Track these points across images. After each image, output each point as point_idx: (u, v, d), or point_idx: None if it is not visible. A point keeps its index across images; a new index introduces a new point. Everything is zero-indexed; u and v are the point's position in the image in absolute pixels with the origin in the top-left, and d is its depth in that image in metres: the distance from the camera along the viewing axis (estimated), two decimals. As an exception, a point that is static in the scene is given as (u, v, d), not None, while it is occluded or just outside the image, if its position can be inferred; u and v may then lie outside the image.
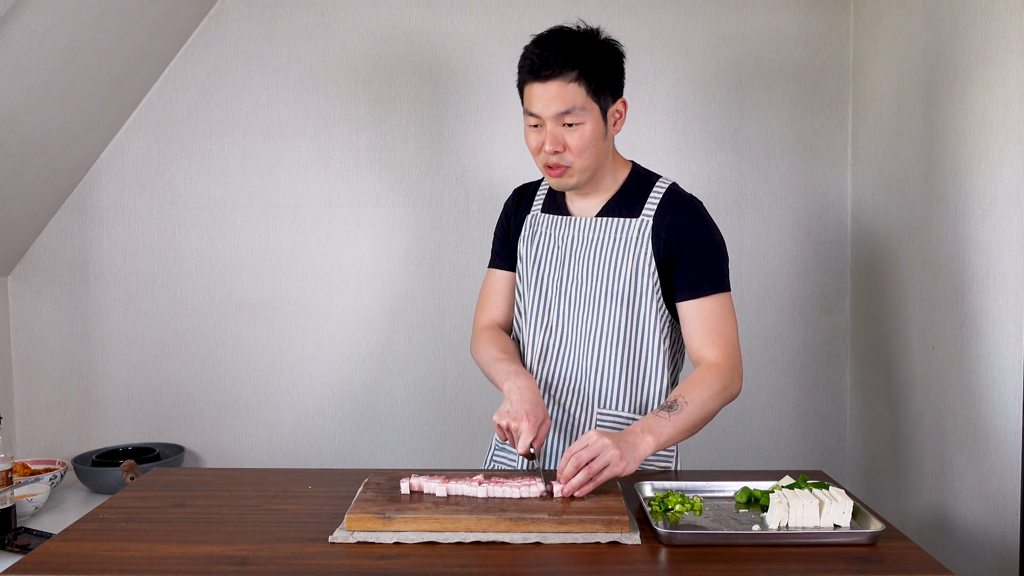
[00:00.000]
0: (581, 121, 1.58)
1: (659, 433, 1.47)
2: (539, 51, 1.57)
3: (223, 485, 1.58)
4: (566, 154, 1.59)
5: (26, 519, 2.25)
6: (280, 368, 2.75)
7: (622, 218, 1.66)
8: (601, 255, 1.66)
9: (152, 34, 2.50)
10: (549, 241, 1.73)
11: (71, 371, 2.74)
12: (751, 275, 2.71)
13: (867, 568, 1.19)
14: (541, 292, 1.72)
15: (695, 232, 1.63)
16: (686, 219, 1.64)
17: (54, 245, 2.71)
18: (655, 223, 1.64)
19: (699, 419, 1.54)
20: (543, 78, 1.56)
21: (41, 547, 1.28)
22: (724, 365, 1.60)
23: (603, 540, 1.27)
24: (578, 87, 1.56)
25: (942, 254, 2.08)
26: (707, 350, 1.61)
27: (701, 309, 1.62)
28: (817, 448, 2.74)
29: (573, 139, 1.58)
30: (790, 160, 2.69)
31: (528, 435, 1.48)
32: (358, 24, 2.67)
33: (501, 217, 1.85)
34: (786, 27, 2.66)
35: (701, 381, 1.56)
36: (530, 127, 1.62)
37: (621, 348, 1.65)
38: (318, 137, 2.70)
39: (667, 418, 1.49)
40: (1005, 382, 1.83)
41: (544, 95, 1.56)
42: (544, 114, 1.57)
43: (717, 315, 1.62)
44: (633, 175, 1.71)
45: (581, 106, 1.57)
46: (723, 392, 1.57)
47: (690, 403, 1.52)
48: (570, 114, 1.57)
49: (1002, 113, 1.83)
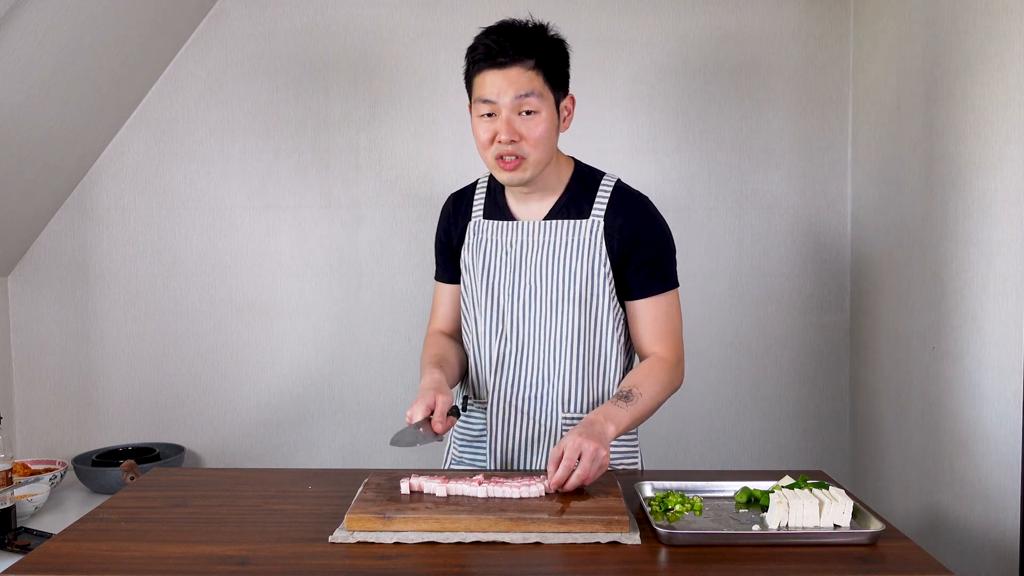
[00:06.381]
0: (538, 109, 1.54)
1: (619, 422, 1.51)
2: (495, 39, 1.53)
3: (223, 485, 1.58)
4: (522, 144, 1.54)
5: (26, 519, 2.25)
6: (280, 368, 2.75)
7: (572, 220, 1.64)
8: (554, 258, 1.63)
9: (152, 34, 2.50)
10: (496, 248, 1.67)
11: (71, 371, 2.74)
12: (751, 275, 2.71)
13: (867, 568, 1.19)
14: (492, 300, 1.67)
15: (648, 231, 1.64)
16: (638, 218, 1.64)
17: (54, 245, 2.71)
18: (607, 223, 1.63)
19: (649, 411, 1.59)
20: (500, 64, 1.52)
21: (41, 547, 1.28)
22: (672, 360, 1.64)
23: (603, 540, 1.27)
24: (535, 75, 1.54)
25: (942, 254, 2.08)
26: (656, 346, 1.65)
27: (654, 307, 1.65)
28: (817, 448, 2.74)
29: (529, 128, 1.54)
30: (790, 160, 2.69)
31: (418, 414, 1.49)
32: (358, 24, 2.67)
33: (439, 227, 1.79)
34: (786, 27, 2.66)
35: (653, 375, 1.60)
36: (481, 117, 1.56)
37: (580, 350, 1.64)
38: (318, 137, 2.70)
39: (625, 408, 1.54)
40: (1005, 382, 1.83)
41: (501, 81, 1.52)
42: (501, 100, 1.53)
43: (666, 312, 1.65)
44: (577, 173, 1.68)
45: (539, 92, 1.54)
46: (670, 386, 1.63)
47: (644, 395, 1.57)
48: (528, 99, 1.53)
49: (1002, 113, 1.83)
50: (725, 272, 2.72)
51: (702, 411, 2.75)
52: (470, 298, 1.72)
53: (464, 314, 1.74)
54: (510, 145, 1.54)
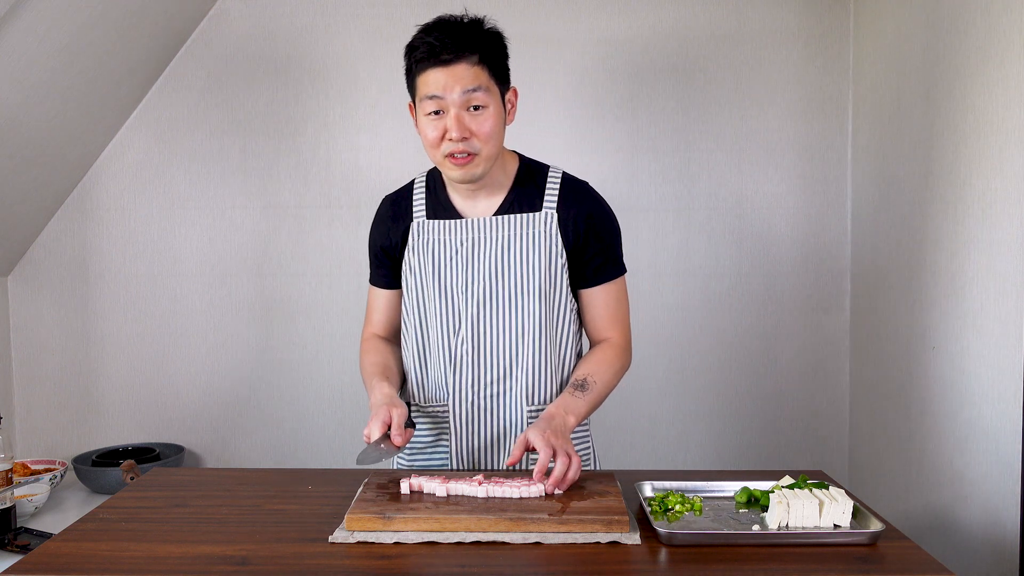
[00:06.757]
0: (486, 104, 1.53)
1: (578, 413, 1.54)
2: (436, 36, 1.52)
3: (223, 485, 1.58)
4: (473, 140, 1.53)
5: (26, 519, 2.25)
6: (280, 368, 2.75)
7: (525, 214, 1.63)
8: (511, 253, 1.63)
9: (152, 34, 2.50)
10: (446, 247, 1.64)
11: (71, 371, 2.74)
12: (751, 275, 2.71)
13: (867, 568, 1.19)
14: (445, 300, 1.64)
15: (601, 221, 1.66)
16: (591, 208, 1.65)
17: (54, 245, 2.71)
18: (560, 215, 1.63)
19: (604, 397, 1.63)
20: (444, 62, 1.50)
21: (41, 547, 1.28)
22: (623, 344, 1.68)
23: (603, 540, 1.27)
24: (480, 69, 1.52)
25: (942, 254, 2.08)
26: (610, 331, 1.68)
27: (606, 294, 1.67)
28: (817, 448, 2.74)
29: (479, 124, 1.53)
30: (790, 160, 2.69)
31: (376, 431, 1.48)
32: (358, 24, 2.67)
33: (374, 232, 1.75)
34: (786, 27, 2.66)
35: (605, 361, 1.64)
36: (428, 115, 1.53)
37: (542, 342, 1.64)
38: (318, 137, 2.70)
39: (581, 398, 1.56)
40: (1005, 382, 1.83)
41: (447, 78, 1.50)
42: (448, 96, 1.50)
43: (617, 298, 1.69)
44: (523, 167, 1.68)
45: (485, 87, 1.53)
46: (622, 371, 1.67)
47: (599, 383, 1.60)
48: (476, 94, 1.52)
49: (1002, 113, 1.83)
50: (725, 272, 2.72)
51: (702, 411, 2.75)
52: (416, 300, 1.68)
53: (405, 318, 1.71)
54: (461, 142, 1.53)
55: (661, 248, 2.71)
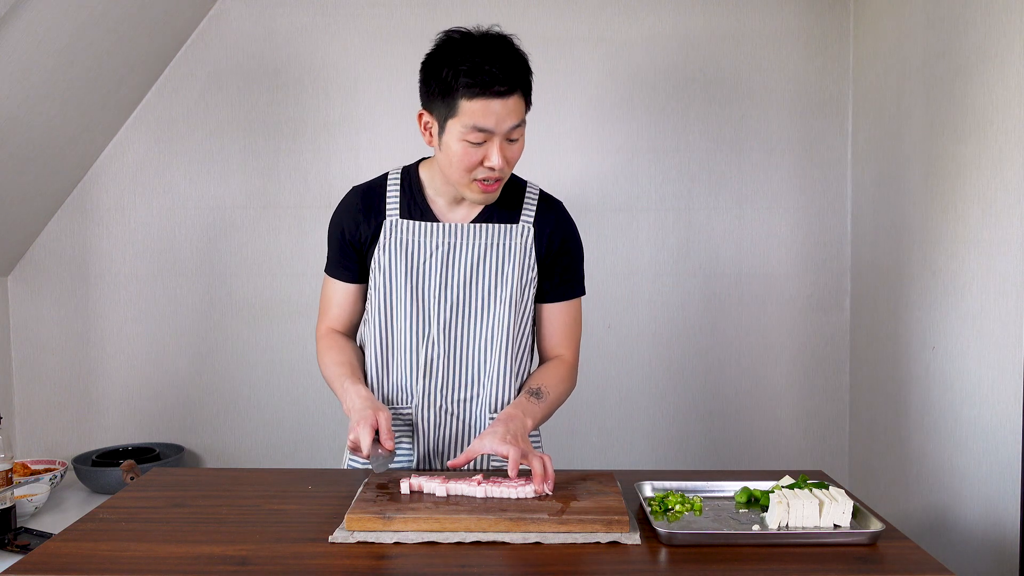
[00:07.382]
0: (522, 135, 1.54)
1: (535, 417, 1.57)
2: (495, 65, 1.48)
3: (223, 485, 1.58)
4: (504, 167, 1.53)
5: (26, 519, 2.25)
6: (280, 368, 2.75)
7: (502, 224, 1.64)
8: (487, 261, 1.63)
9: (152, 34, 2.50)
10: (421, 249, 1.63)
11: (71, 371, 2.74)
12: (751, 275, 2.71)
13: (867, 568, 1.19)
14: (417, 302, 1.63)
15: (570, 241, 1.69)
16: (563, 227, 1.68)
17: (54, 245, 2.71)
18: (537, 229, 1.65)
19: (554, 409, 1.65)
20: (499, 94, 1.47)
21: (41, 547, 1.28)
22: (573, 363, 1.71)
23: (603, 540, 1.27)
24: (522, 103, 1.53)
25: (942, 254, 2.08)
26: (561, 348, 1.71)
27: (565, 312, 1.70)
28: (817, 448, 2.74)
29: (512, 153, 1.53)
30: (790, 160, 2.69)
31: (365, 438, 1.45)
32: (358, 24, 2.67)
33: (340, 222, 1.69)
34: (786, 27, 2.66)
35: (558, 375, 1.66)
36: (471, 143, 1.50)
37: (510, 351, 1.65)
38: (318, 137, 2.70)
39: (537, 404, 1.59)
40: (1005, 382, 1.83)
41: (502, 110, 1.48)
42: (499, 130, 1.49)
43: (574, 317, 1.72)
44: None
45: (524, 119, 1.54)
46: (571, 389, 1.70)
47: (552, 394, 1.62)
48: (520, 128, 1.52)
49: (1002, 113, 1.83)
50: (725, 272, 2.72)
51: (702, 411, 2.75)
52: (383, 299, 1.65)
53: (368, 316, 1.70)
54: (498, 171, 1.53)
55: (661, 248, 2.71)
